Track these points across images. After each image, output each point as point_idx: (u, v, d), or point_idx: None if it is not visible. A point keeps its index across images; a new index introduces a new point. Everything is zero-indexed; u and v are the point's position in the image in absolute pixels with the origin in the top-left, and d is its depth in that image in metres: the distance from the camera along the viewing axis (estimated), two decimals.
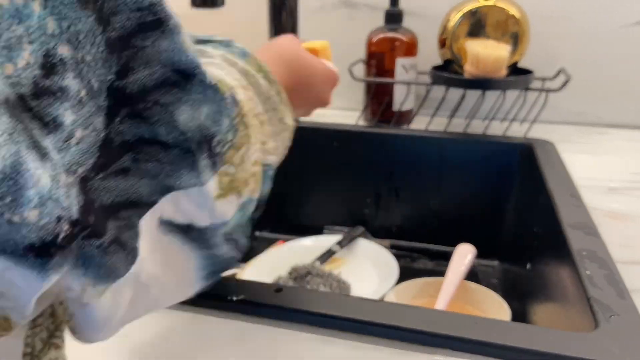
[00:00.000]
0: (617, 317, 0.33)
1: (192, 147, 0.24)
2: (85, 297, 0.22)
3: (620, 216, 0.49)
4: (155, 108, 0.23)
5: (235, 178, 0.27)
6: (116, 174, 0.22)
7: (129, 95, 0.22)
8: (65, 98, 0.19)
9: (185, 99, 0.24)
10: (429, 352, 0.32)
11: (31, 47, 0.18)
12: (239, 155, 0.27)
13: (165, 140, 0.23)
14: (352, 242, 0.72)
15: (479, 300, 0.57)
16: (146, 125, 0.23)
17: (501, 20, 0.69)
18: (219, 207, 0.26)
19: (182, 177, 0.24)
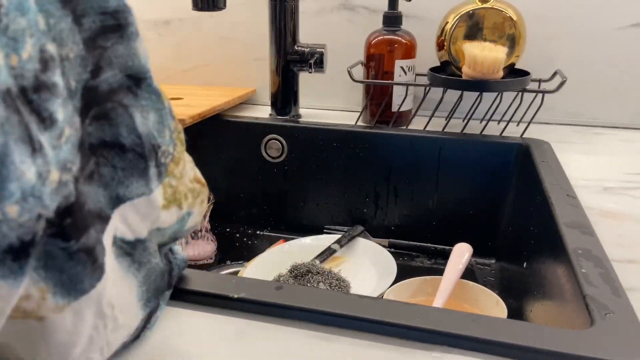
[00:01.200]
0: (613, 315, 0.33)
1: (145, 152, 0.24)
2: (43, 308, 0.20)
3: (615, 215, 0.49)
4: (119, 109, 0.23)
5: (177, 190, 0.27)
6: (88, 179, 0.22)
7: (99, 95, 0.23)
8: (57, 94, 0.19)
9: (136, 104, 0.24)
10: (427, 349, 0.32)
11: (32, 41, 0.18)
12: (179, 169, 0.27)
13: (124, 142, 0.23)
14: (351, 241, 0.72)
15: (476, 298, 0.58)
16: (109, 126, 0.23)
17: (498, 22, 0.69)
18: (162, 217, 0.26)
19: (132, 184, 0.24)
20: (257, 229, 0.83)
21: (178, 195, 0.27)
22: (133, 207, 0.24)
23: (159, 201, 0.26)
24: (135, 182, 0.24)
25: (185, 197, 0.28)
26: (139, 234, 0.26)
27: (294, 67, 0.78)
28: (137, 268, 0.26)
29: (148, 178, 0.25)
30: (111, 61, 0.23)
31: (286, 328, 0.34)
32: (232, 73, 0.91)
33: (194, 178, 0.28)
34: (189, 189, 0.28)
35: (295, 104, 0.81)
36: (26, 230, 0.18)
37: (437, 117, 0.74)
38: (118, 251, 0.25)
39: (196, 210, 0.29)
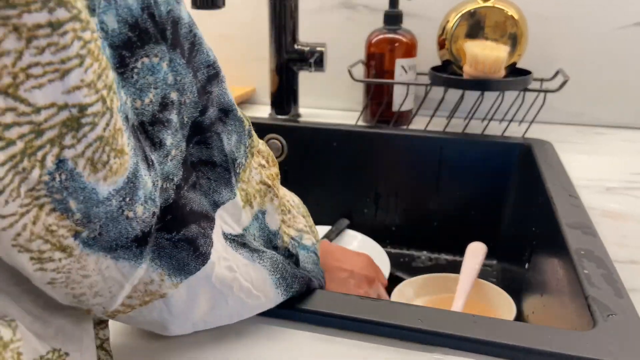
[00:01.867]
0: (615, 316, 0.33)
1: (229, 166, 0.31)
2: (164, 287, 0.27)
3: (617, 216, 0.49)
4: (214, 136, 0.30)
5: (247, 192, 0.33)
6: (192, 187, 0.28)
7: (203, 127, 0.29)
8: (169, 127, 0.26)
9: (225, 129, 0.31)
10: (429, 350, 0.32)
11: (155, 91, 0.25)
12: (246, 175, 0.33)
13: (215, 160, 0.30)
14: (340, 234, 0.72)
15: (488, 296, 0.58)
16: (206, 148, 0.30)
17: (500, 21, 0.69)
18: (243, 215, 0.32)
19: (222, 192, 0.31)
20: None
21: (249, 197, 0.33)
22: (225, 210, 0.31)
23: (240, 202, 0.32)
24: (224, 190, 0.31)
25: (254, 197, 0.33)
26: (237, 230, 0.32)
27: (294, 67, 0.77)
28: (259, 257, 0.32)
29: (232, 186, 0.31)
30: (213, 101, 0.30)
31: (287, 330, 0.34)
32: (231, 72, 0.91)
33: (260, 181, 0.34)
34: (256, 191, 0.34)
35: (295, 104, 0.80)
36: (146, 224, 0.24)
37: (438, 116, 0.74)
38: (233, 244, 0.31)
39: (268, 208, 0.34)
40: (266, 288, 0.32)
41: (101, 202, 0.22)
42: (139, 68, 0.24)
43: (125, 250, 0.24)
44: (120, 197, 0.22)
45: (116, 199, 0.22)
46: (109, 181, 0.22)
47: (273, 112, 0.81)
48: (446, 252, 0.75)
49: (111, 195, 0.22)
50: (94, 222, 0.22)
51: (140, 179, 0.23)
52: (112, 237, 0.23)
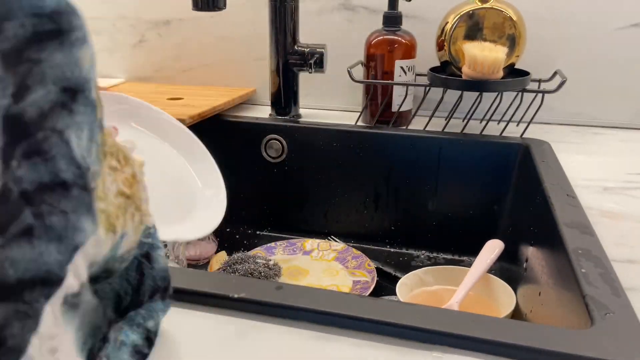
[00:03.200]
0: (612, 315, 0.33)
1: (87, 182, 0.20)
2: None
3: (615, 215, 0.49)
4: (53, 138, 0.19)
5: (107, 213, 0.22)
6: (19, 238, 0.18)
7: (27, 125, 0.18)
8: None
9: (72, 122, 0.20)
10: (427, 349, 0.32)
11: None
12: (103, 188, 0.22)
13: (65, 177, 0.19)
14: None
15: (491, 290, 0.58)
16: (45, 163, 0.19)
17: (498, 22, 0.69)
18: (103, 250, 0.22)
19: (84, 226, 0.20)
20: (256, 229, 0.83)
21: (111, 219, 0.23)
22: (83, 253, 0.20)
23: (101, 235, 0.21)
24: (86, 222, 0.20)
25: (117, 217, 0.23)
26: (83, 279, 0.21)
27: (294, 67, 0.78)
28: (72, 315, 0.22)
29: (93, 212, 0.20)
30: (44, 76, 0.19)
31: (286, 328, 0.34)
32: (232, 73, 0.91)
33: (118, 192, 0.24)
34: (116, 206, 0.23)
35: (295, 104, 0.81)
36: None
37: (437, 117, 0.74)
38: (65, 308, 0.21)
39: (129, 229, 0.24)
40: (72, 352, 0.22)
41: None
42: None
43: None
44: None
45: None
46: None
47: (273, 113, 0.81)
48: (445, 251, 0.75)
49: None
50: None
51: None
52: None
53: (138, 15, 0.93)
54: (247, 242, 0.80)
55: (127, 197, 0.24)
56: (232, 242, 0.79)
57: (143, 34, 0.94)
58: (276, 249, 0.74)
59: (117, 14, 0.94)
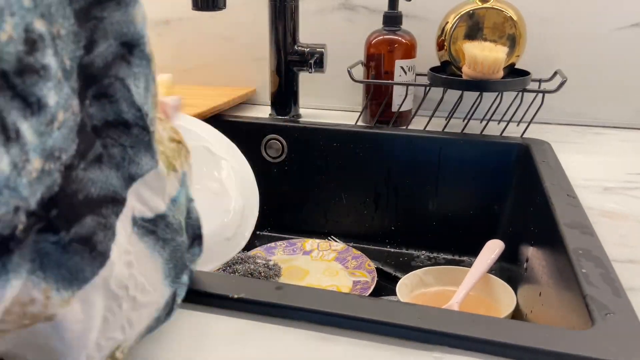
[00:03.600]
0: (613, 315, 0.33)
1: (146, 123, 0.23)
2: (50, 306, 0.20)
3: (615, 215, 0.49)
4: (117, 84, 0.22)
5: (166, 155, 0.26)
6: (94, 163, 0.21)
7: (95, 72, 0.21)
8: (48, 77, 0.18)
9: (130, 72, 0.23)
10: (428, 349, 0.32)
11: (13, 21, 0.17)
12: (158, 134, 0.25)
13: (127, 118, 0.22)
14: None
15: (492, 290, 0.58)
16: (110, 104, 0.22)
17: (498, 22, 0.69)
18: (167, 187, 0.25)
19: (142, 161, 0.23)
20: (256, 229, 0.83)
21: (169, 159, 0.26)
22: (144, 184, 0.24)
23: (163, 171, 0.25)
24: (144, 157, 0.23)
25: (174, 157, 0.27)
26: (156, 209, 0.25)
27: (294, 67, 0.78)
28: (162, 246, 0.26)
29: (153, 151, 0.24)
30: (106, 31, 0.21)
31: (286, 328, 0.34)
32: (232, 73, 0.91)
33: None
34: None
35: (295, 104, 0.81)
36: (3, 224, 0.17)
37: (437, 117, 0.74)
38: (141, 231, 0.24)
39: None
40: (157, 279, 0.26)
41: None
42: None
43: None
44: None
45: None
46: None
47: (273, 113, 0.81)
48: (445, 251, 0.75)
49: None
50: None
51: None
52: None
53: None
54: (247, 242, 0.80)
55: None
56: None
57: None
58: (276, 249, 0.74)
59: None
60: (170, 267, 0.27)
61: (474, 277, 0.57)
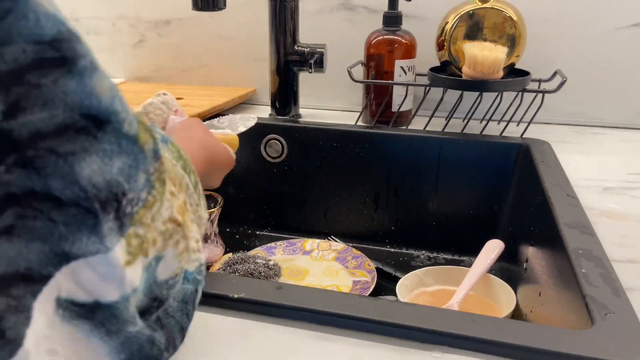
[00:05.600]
0: (613, 315, 0.33)
1: (94, 206, 0.20)
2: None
3: (615, 216, 0.49)
4: (51, 157, 0.19)
5: (145, 239, 0.23)
6: (4, 234, 0.19)
7: (16, 141, 0.19)
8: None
9: (95, 148, 0.20)
10: (427, 349, 0.32)
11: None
12: (151, 214, 0.23)
13: (59, 195, 0.20)
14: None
15: (491, 290, 0.58)
16: (38, 176, 0.19)
17: (498, 22, 0.69)
18: (128, 276, 0.22)
19: (82, 241, 0.20)
20: (257, 229, 0.83)
21: (145, 244, 0.23)
22: (88, 266, 0.21)
23: (119, 259, 0.22)
24: (85, 239, 0.20)
25: (153, 242, 0.24)
26: (100, 297, 0.22)
27: (294, 67, 0.78)
28: (105, 333, 0.22)
29: (102, 234, 0.21)
30: (48, 100, 0.19)
31: (286, 328, 0.34)
32: (232, 73, 0.91)
33: (169, 218, 0.25)
34: (159, 233, 0.24)
35: (295, 104, 0.81)
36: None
37: (437, 117, 0.74)
38: (67, 313, 0.21)
39: (168, 253, 0.25)
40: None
41: None
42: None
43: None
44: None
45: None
46: None
47: (273, 113, 0.81)
48: (445, 251, 0.75)
49: None
50: None
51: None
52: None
53: (138, 15, 0.93)
54: (247, 242, 0.80)
55: (177, 225, 0.25)
56: (232, 242, 0.79)
57: (143, 33, 0.94)
58: (276, 249, 0.74)
59: (117, 14, 0.94)
60: (123, 358, 0.23)
61: (474, 277, 0.57)
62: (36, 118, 0.19)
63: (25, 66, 0.19)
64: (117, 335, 0.23)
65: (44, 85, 0.19)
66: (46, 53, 0.19)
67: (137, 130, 0.23)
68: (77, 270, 0.21)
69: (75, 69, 0.20)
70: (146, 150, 0.23)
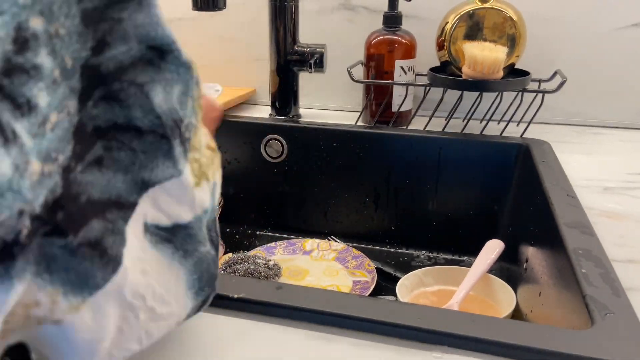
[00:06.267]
0: (613, 315, 0.33)
1: (167, 132, 0.22)
2: (57, 311, 0.19)
3: (615, 215, 0.49)
4: (131, 89, 0.21)
5: (201, 163, 0.25)
6: (92, 165, 0.20)
7: (104, 75, 0.20)
8: (40, 77, 0.18)
9: (159, 78, 0.22)
10: (427, 349, 0.32)
11: (1, 19, 0.16)
12: (198, 139, 0.25)
13: (140, 125, 0.21)
14: None
15: (492, 291, 0.58)
16: (121, 108, 0.21)
17: (498, 22, 0.69)
18: (197, 197, 0.24)
19: (158, 167, 0.22)
20: (256, 229, 0.83)
21: (203, 168, 0.25)
22: (164, 191, 0.23)
23: (190, 181, 0.23)
24: (161, 165, 0.22)
25: (208, 166, 0.26)
26: (177, 218, 0.24)
27: (294, 67, 0.78)
28: (182, 256, 0.25)
29: (174, 159, 0.23)
30: (126, 34, 0.21)
31: (286, 328, 0.34)
32: (232, 73, 0.91)
33: (207, 145, 0.26)
34: (209, 157, 0.26)
35: (295, 104, 0.81)
36: (7, 229, 0.17)
37: (437, 117, 0.74)
38: (154, 238, 0.23)
39: (218, 179, 0.27)
40: (178, 291, 0.25)
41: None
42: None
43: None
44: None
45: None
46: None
47: (273, 113, 0.81)
48: (445, 251, 0.75)
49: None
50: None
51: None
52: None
53: None
54: (247, 242, 0.80)
55: (212, 150, 0.27)
56: (232, 242, 0.79)
57: None
58: (276, 249, 0.74)
59: None
60: (195, 279, 0.26)
61: (474, 277, 0.57)
62: (118, 52, 0.20)
63: (108, 2, 0.20)
64: (191, 256, 0.25)
65: (123, 19, 0.20)
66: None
67: (191, 58, 0.24)
68: (156, 196, 0.22)
69: (145, 1, 0.21)
70: (195, 76, 0.24)
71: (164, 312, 0.24)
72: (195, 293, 0.26)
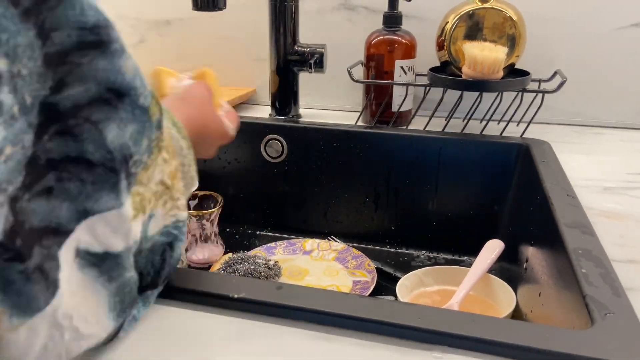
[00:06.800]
0: (613, 315, 0.33)
1: (116, 166, 0.24)
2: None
3: (615, 215, 0.49)
4: (85, 125, 0.23)
5: (144, 197, 0.27)
6: (40, 195, 0.22)
7: (60, 112, 0.22)
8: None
9: (114, 116, 0.24)
10: (427, 349, 0.32)
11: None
12: (147, 175, 0.27)
13: (91, 158, 0.23)
14: None
15: (492, 291, 0.58)
16: (74, 142, 0.23)
17: (498, 22, 0.69)
18: (133, 229, 0.26)
19: (102, 198, 0.24)
20: (257, 229, 0.83)
21: (143, 202, 0.27)
22: (103, 220, 0.24)
23: (129, 213, 0.25)
24: (106, 196, 0.24)
25: (149, 201, 0.27)
26: (110, 247, 0.25)
27: (294, 67, 0.78)
28: (107, 279, 0.26)
29: (118, 191, 0.25)
30: (84, 76, 0.23)
31: (286, 328, 0.34)
32: (232, 73, 0.91)
33: (160, 181, 0.28)
34: (153, 193, 0.28)
35: (295, 104, 0.81)
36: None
37: (437, 117, 0.74)
38: (82, 262, 0.25)
39: (159, 211, 0.29)
40: (100, 312, 0.26)
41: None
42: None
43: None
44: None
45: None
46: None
47: (273, 113, 0.81)
48: (445, 251, 0.75)
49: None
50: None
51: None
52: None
53: (138, 15, 0.93)
54: (247, 242, 0.80)
55: (166, 187, 0.29)
56: (232, 242, 0.79)
57: (143, 34, 0.94)
58: (276, 249, 0.74)
59: (117, 14, 0.94)
60: (117, 301, 0.27)
61: (474, 277, 0.57)
62: (75, 91, 0.22)
63: (70, 48, 0.22)
64: (115, 280, 0.26)
65: (83, 64, 0.22)
66: (87, 37, 0.22)
67: (149, 103, 0.26)
68: (94, 224, 0.24)
69: (109, 50, 0.23)
70: (153, 120, 0.26)
71: (86, 332, 0.26)
72: (117, 315, 0.28)
